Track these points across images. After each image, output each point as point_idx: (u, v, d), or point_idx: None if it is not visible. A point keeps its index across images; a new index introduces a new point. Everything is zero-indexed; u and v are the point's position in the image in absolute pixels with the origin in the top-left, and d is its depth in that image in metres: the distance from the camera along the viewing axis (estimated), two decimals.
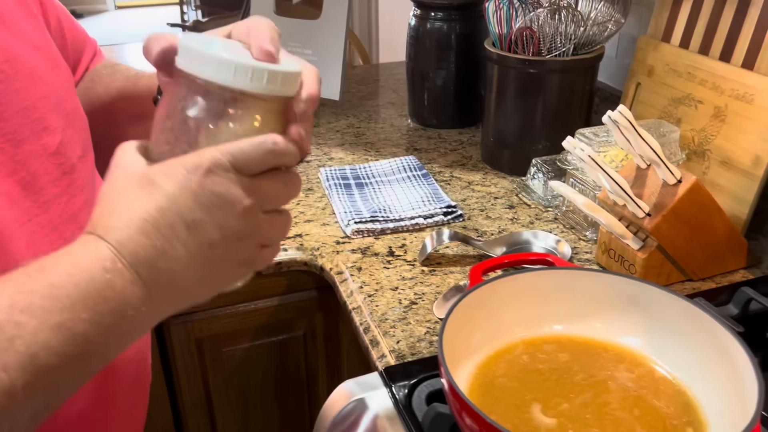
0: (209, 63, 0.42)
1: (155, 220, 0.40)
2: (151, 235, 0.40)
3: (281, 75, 0.43)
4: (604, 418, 0.56)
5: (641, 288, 0.62)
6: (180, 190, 0.40)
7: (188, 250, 0.41)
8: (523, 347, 0.65)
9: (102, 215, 0.41)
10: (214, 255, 0.42)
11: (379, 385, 0.67)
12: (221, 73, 0.42)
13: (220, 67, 0.42)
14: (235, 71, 0.42)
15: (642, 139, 0.73)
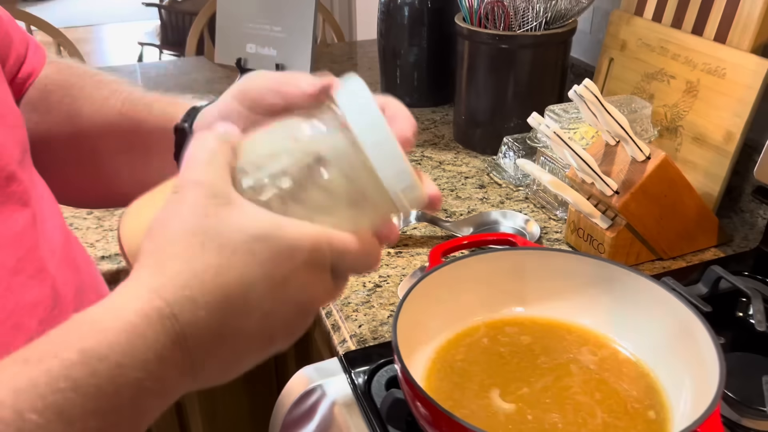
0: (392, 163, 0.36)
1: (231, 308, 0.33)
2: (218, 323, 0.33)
3: (421, 198, 0.38)
4: (564, 403, 0.55)
5: (604, 268, 0.61)
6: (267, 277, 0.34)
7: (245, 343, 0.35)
8: (485, 330, 0.63)
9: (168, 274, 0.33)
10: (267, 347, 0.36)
11: (338, 371, 0.65)
12: (394, 182, 0.36)
13: (399, 176, 0.36)
14: (406, 189, 0.37)
15: (609, 114, 0.70)
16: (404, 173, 0.36)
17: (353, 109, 0.36)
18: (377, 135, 0.35)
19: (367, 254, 0.37)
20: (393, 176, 0.36)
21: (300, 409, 0.64)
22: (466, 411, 0.54)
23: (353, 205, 0.36)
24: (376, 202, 0.37)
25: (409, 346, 0.57)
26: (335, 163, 0.36)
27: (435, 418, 0.48)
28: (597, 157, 0.79)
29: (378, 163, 0.36)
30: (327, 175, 0.36)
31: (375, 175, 0.36)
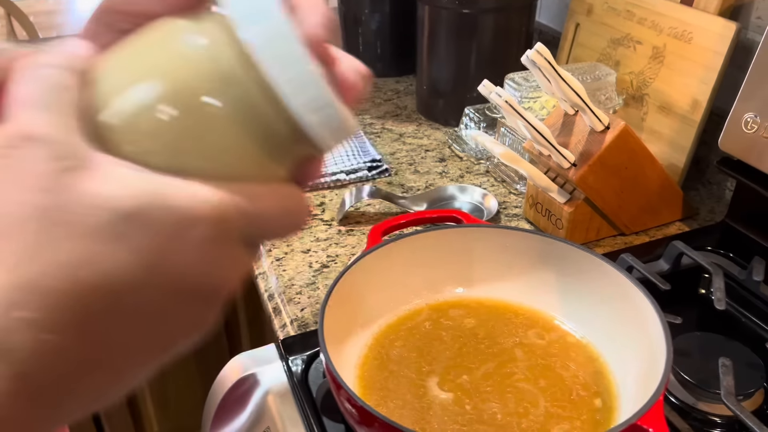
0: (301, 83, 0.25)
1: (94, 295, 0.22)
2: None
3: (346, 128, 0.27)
4: (505, 391, 0.51)
5: (553, 245, 0.57)
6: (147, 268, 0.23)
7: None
8: (428, 313, 0.59)
9: None
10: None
11: (274, 358, 0.61)
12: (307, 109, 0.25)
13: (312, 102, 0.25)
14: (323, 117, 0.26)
15: (564, 82, 0.66)
16: (319, 97, 0.25)
17: (243, 10, 0.25)
18: (279, 45, 0.25)
19: (290, 212, 0.27)
20: (305, 102, 0.25)
21: (232, 399, 0.60)
22: (398, 402, 0.50)
23: (258, 146, 0.26)
24: (288, 139, 0.26)
25: (342, 332, 0.53)
26: (226, 90, 0.25)
27: (360, 415, 0.44)
28: (555, 127, 0.74)
29: (284, 87, 0.25)
30: (219, 106, 0.25)
31: (280, 103, 0.25)
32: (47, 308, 0.21)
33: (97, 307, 0.22)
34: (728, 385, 0.53)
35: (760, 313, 0.67)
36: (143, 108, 0.24)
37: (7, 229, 0.21)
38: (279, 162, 0.27)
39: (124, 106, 0.25)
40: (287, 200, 0.26)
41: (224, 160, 0.25)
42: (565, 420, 0.49)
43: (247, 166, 0.26)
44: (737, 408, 0.51)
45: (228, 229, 0.24)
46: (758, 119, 0.69)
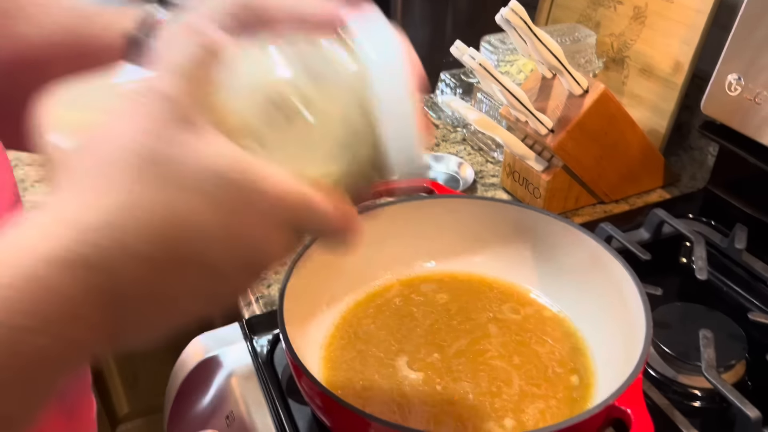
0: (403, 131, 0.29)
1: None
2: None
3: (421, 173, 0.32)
4: (478, 369, 0.49)
5: (527, 215, 0.54)
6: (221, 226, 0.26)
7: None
8: (399, 288, 0.56)
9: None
10: None
11: (238, 338, 0.58)
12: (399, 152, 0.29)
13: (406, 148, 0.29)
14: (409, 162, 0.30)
15: (541, 43, 0.63)
16: (413, 145, 0.29)
17: (378, 52, 0.29)
18: (397, 96, 0.29)
19: (344, 229, 0.30)
20: (400, 145, 0.29)
21: (194, 382, 0.57)
22: (366, 383, 0.48)
23: (349, 171, 0.30)
24: (368, 166, 0.30)
25: (307, 311, 0.50)
26: (344, 110, 0.29)
27: (322, 401, 0.41)
28: (532, 92, 0.71)
29: (389, 127, 0.29)
30: (329, 120, 0.29)
31: (379, 138, 0.29)
32: (138, 237, 0.24)
33: (175, 248, 0.25)
34: (709, 357, 0.51)
35: (742, 282, 0.65)
36: (272, 105, 0.28)
37: (118, 157, 0.25)
38: (356, 180, 0.31)
39: (254, 97, 0.28)
40: (348, 219, 0.30)
41: (316, 166, 0.29)
42: (540, 399, 0.47)
43: (330, 176, 0.29)
44: (718, 381, 0.49)
45: (295, 219, 0.28)
46: (742, 81, 0.66)
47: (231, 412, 0.53)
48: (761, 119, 0.65)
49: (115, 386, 0.92)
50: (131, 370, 0.92)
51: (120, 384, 0.92)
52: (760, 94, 0.65)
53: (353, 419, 0.39)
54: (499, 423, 0.45)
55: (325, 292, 0.53)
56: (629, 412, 0.38)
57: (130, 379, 0.93)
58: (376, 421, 0.37)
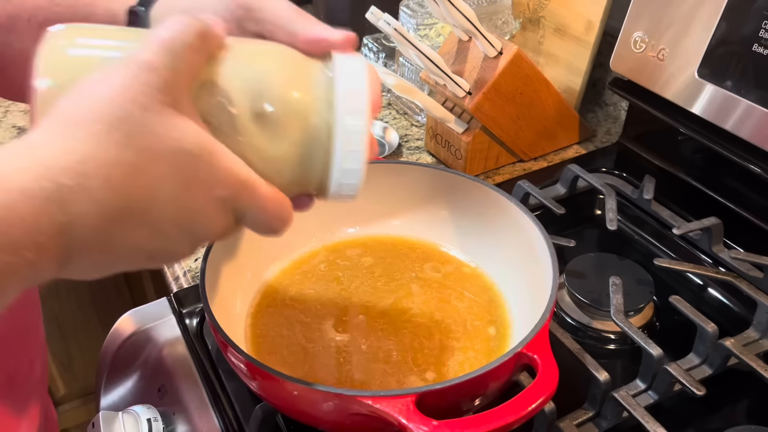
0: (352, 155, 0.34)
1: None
2: None
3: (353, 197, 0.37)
4: (401, 327, 0.51)
5: (443, 177, 0.56)
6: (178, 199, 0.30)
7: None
8: (325, 254, 0.58)
9: None
10: None
11: (167, 312, 0.59)
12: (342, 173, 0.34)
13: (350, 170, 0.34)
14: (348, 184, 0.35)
15: (453, 6, 0.64)
16: (356, 170, 0.34)
17: (346, 84, 0.33)
18: (354, 123, 0.33)
19: (280, 219, 0.34)
20: (345, 168, 0.34)
21: (124, 358, 0.58)
22: (293, 348, 0.49)
23: (292, 167, 0.34)
24: (313, 177, 0.35)
25: (231, 282, 0.51)
26: (305, 121, 0.33)
27: (247, 368, 0.42)
28: (449, 55, 0.72)
29: (340, 148, 0.33)
30: (290, 127, 0.33)
31: (329, 155, 0.34)
32: (105, 189, 0.27)
33: (133, 208, 0.28)
34: (617, 303, 0.54)
35: (651, 230, 0.69)
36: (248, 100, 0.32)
37: (98, 113, 0.28)
38: (300, 185, 0.35)
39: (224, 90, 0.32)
40: (283, 210, 0.34)
41: (269, 163, 0.33)
42: (460, 351, 0.49)
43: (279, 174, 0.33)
44: (624, 324, 0.52)
45: (238, 202, 0.31)
46: (647, 38, 0.69)
47: (163, 385, 0.54)
48: (665, 75, 0.68)
49: (50, 369, 0.91)
50: (65, 351, 0.91)
51: (55, 366, 0.91)
52: (663, 51, 0.68)
53: (277, 384, 0.40)
54: (421, 376, 0.47)
55: (249, 262, 0.53)
56: (536, 357, 0.40)
57: (65, 362, 0.92)
58: (295, 381, 0.39)
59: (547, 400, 0.39)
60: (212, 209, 0.31)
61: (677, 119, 0.68)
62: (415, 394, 0.37)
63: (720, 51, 0.62)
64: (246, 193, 0.31)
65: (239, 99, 0.32)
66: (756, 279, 0.59)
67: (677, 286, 0.64)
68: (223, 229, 0.32)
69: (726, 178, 0.68)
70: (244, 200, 0.32)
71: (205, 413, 0.50)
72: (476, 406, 0.44)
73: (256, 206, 0.32)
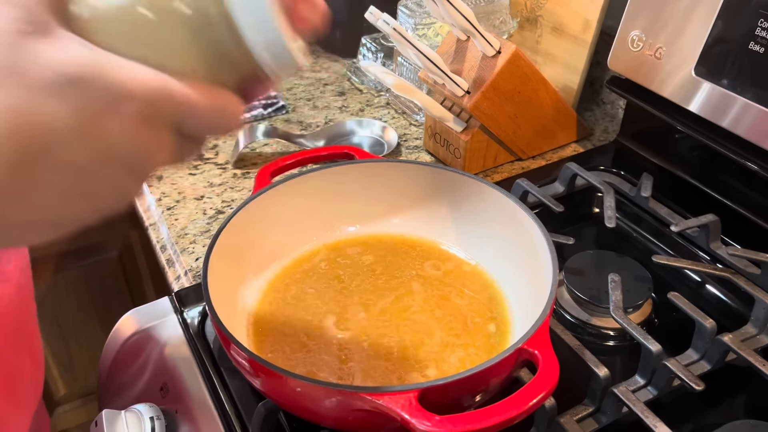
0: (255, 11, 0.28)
1: None
2: None
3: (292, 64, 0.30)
4: (402, 324, 0.51)
5: (442, 175, 0.56)
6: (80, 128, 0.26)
7: None
8: (325, 253, 0.58)
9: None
10: None
11: (169, 311, 0.59)
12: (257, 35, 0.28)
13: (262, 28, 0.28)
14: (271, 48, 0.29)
15: (451, 5, 0.64)
16: (266, 21, 0.28)
17: None
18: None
19: (220, 110, 0.29)
20: (253, 24, 0.28)
21: (126, 357, 0.58)
22: (295, 346, 0.49)
23: (206, 52, 0.29)
24: (235, 54, 0.29)
25: (233, 281, 0.51)
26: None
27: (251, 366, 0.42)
28: (448, 54, 0.73)
29: (237, 7, 0.28)
30: (180, 10, 0.28)
31: (232, 20, 0.28)
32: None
33: (32, 151, 0.25)
34: (616, 299, 0.55)
35: (649, 227, 0.70)
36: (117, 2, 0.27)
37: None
38: (224, 72, 0.30)
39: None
40: (219, 99, 0.29)
41: (172, 57, 0.28)
42: (460, 347, 0.50)
43: (193, 68, 0.28)
44: (623, 320, 0.53)
45: (158, 111, 0.27)
46: (644, 37, 0.70)
47: (165, 384, 0.54)
48: (662, 74, 0.68)
49: (50, 369, 0.91)
50: (66, 352, 0.91)
51: (55, 367, 0.91)
52: (660, 50, 0.68)
53: (279, 380, 0.40)
54: (422, 373, 0.47)
55: (250, 260, 0.54)
56: (537, 353, 0.41)
57: (65, 362, 0.92)
58: (298, 377, 0.39)
59: (548, 395, 0.39)
60: (132, 130, 0.27)
61: (674, 117, 0.68)
62: (418, 389, 0.38)
63: (716, 49, 0.63)
64: (162, 99, 0.27)
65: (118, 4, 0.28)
66: (753, 275, 0.60)
67: (675, 282, 0.64)
68: (162, 148, 0.28)
69: (723, 175, 0.68)
70: (165, 107, 0.27)
71: (208, 411, 0.50)
72: (477, 402, 0.44)
73: (183, 108, 0.28)
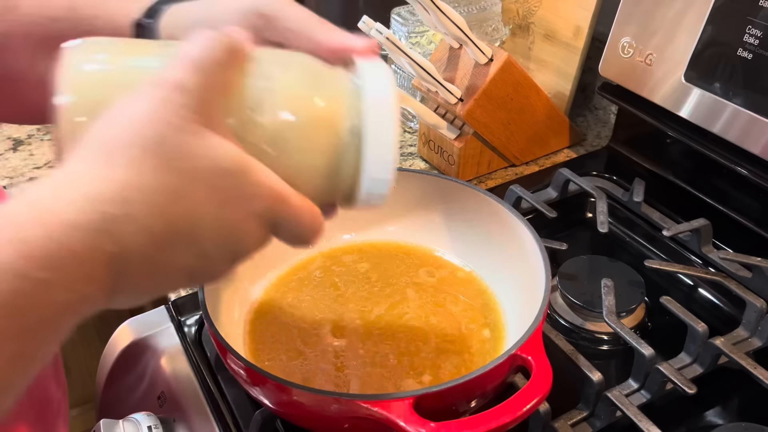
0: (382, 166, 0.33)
1: None
2: None
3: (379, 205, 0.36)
4: (397, 332, 0.52)
5: (435, 182, 0.57)
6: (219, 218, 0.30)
7: None
8: (321, 261, 0.58)
9: None
10: None
11: (166, 320, 0.59)
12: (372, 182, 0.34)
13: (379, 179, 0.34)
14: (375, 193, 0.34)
15: (443, 14, 0.65)
16: (386, 180, 0.33)
17: (375, 91, 0.33)
18: (384, 132, 0.33)
19: (312, 229, 0.33)
20: (374, 177, 0.33)
21: (124, 366, 0.58)
22: (291, 354, 0.50)
23: (322, 177, 0.33)
24: (342, 186, 0.34)
25: (229, 290, 0.52)
26: (334, 130, 0.33)
27: (247, 374, 0.43)
28: (441, 62, 0.74)
29: (370, 158, 0.33)
30: (320, 137, 0.33)
31: (359, 165, 0.33)
32: (148, 215, 0.27)
33: (178, 231, 0.29)
34: (609, 304, 0.55)
35: (641, 231, 0.71)
36: (278, 111, 0.32)
37: (132, 138, 0.28)
38: (327, 193, 0.34)
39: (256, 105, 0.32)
40: (315, 220, 0.33)
41: (301, 174, 0.32)
42: (455, 354, 0.50)
43: (310, 186, 0.33)
44: (616, 325, 0.53)
45: (274, 215, 0.31)
46: (634, 43, 0.70)
47: (163, 392, 0.54)
48: (653, 80, 0.69)
49: None
50: (63, 360, 0.91)
51: None
52: (651, 56, 0.69)
53: (276, 389, 0.41)
54: (417, 379, 0.48)
55: (246, 270, 0.54)
56: (530, 359, 0.41)
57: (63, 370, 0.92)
58: (294, 386, 0.39)
59: (542, 400, 0.39)
60: (250, 225, 0.31)
61: (665, 123, 0.69)
62: (413, 396, 0.38)
63: (706, 55, 0.63)
64: (281, 206, 0.31)
65: (269, 111, 0.32)
66: (745, 279, 0.60)
67: (668, 286, 0.65)
68: (259, 242, 0.32)
69: (714, 179, 0.69)
70: (279, 213, 0.31)
71: (205, 420, 0.51)
72: (472, 408, 0.44)
73: (290, 218, 0.32)
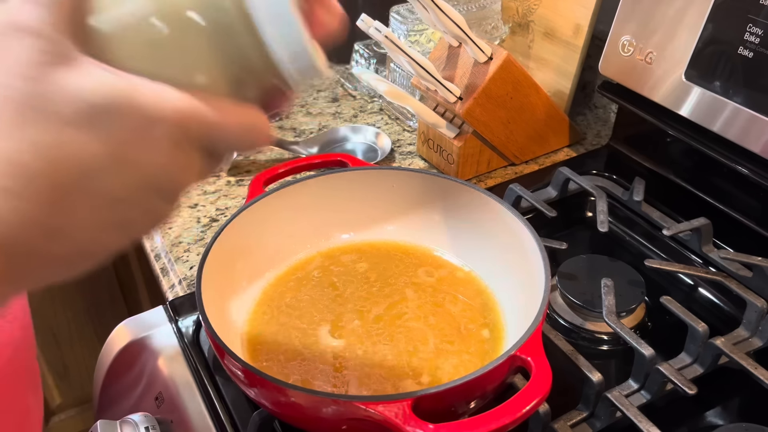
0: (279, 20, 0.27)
1: None
2: None
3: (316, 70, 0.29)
4: (396, 332, 0.51)
5: (435, 182, 0.57)
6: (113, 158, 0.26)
7: None
8: (320, 260, 0.58)
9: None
10: None
11: (163, 320, 0.59)
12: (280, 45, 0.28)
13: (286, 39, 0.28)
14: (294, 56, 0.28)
15: (442, 11, 0.64)
16: (291, 33, 0.28)
17: None
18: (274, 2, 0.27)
19: (248, 127, 0.29)
20: (278, 37, 0.28)
21: (121, 367, 0.58)
22: (289, 354, 0.49)
23: (229, 67, 0.28)
24: (258, 67, 0.29)
25: (227, 290, 0.51)
26: (209, 11, 0.28)
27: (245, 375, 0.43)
28: (440, 61, 0.73)
29: (261, 19, 0.28)
30: (200, 24, 0.27)
31: (256, 32, 0.28)
32: (22, 180, 0.24)
33: (67, 185, 0.25)
34: (609, 304, 0.55)
35: (641, 231, 0.70)
36: (132, 17, 0.27)
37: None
38: (247, 86, 0.29)
39: (114, 14, 0.27)
40: (246, 117, 0.29)
41: (196, 74, 0.28)
42: (454, 354, 0.50)
43: (217, 84, 0.28)
44: (616, 325, 0.53)
45: (188, 133, 0.26)
46: (634, 41, 0.70)
47: (160, 393, 0.54)
48: (653, 78, 0.69)
49: (46, 378, 0.91)
50: (60, 360, 0.91)
51: (50, 375, 0.91)
52: (651, 54, 0.69)
53: (274, 390, 0.40)
54: (416, 380, 0.48)
55: (244, 269, 0.54)
56: (530, 360, 0.41)
57: (60, 370, 0.92)
58: (292, 387, 0.39)
59: (542, 401, 0.39)
60: (163, 154, 0.26)
61: (666, 121, 0.69)
62: (412, 398, 0.38)
63: (706, 54, 0.63)
64: (189, 120, 0.26)
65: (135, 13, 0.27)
66: (745, 278, 0.60)
67: (668, 286, 0.65)
68: (192, 168, 0.28)
69: (714, 178, 0.68)
70: (192, 127, 0.27)
71: (203, 421, 0.50)
72: (471, 409, 0.44)
73: (213, 128, 0.27)
